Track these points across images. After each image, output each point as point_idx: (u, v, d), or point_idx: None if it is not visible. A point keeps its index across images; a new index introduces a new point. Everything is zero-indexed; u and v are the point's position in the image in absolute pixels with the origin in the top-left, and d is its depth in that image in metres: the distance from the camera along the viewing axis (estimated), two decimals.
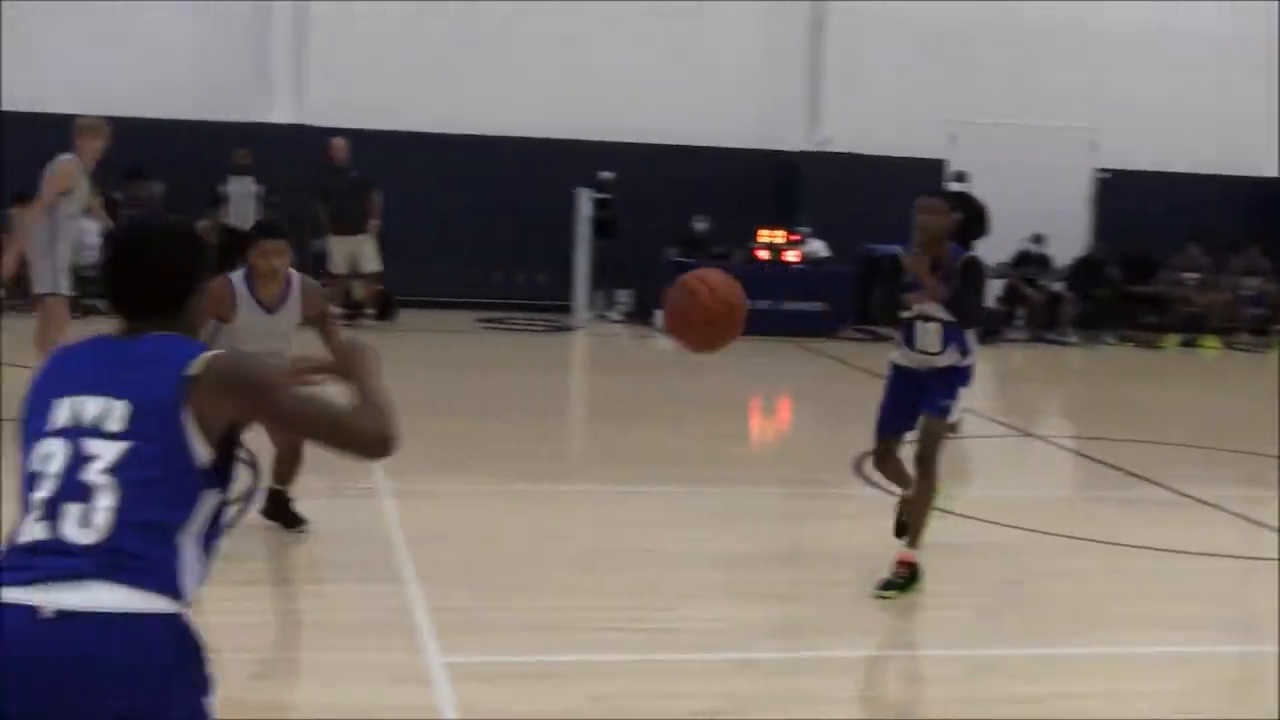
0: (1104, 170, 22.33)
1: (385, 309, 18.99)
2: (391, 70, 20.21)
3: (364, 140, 18.92)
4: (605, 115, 20.38)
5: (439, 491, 9.53)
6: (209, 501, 3.25)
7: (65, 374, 3.32)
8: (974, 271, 7.56)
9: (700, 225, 20.35)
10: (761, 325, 18.87)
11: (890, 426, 7.74)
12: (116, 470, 3.13)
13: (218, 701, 3.27)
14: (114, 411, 3.18)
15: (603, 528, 8.88)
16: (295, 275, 7.85)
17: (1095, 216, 22.41)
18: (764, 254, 19.84)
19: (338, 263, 18.68)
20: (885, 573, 7.43)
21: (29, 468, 3.21)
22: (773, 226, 20.07)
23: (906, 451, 7.83)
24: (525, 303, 20.45)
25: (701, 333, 5.86)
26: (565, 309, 19.83)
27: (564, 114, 20.35)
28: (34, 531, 3.12)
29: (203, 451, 3.21)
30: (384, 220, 18.54)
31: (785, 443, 13.53)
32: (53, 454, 3.17)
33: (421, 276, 19.84)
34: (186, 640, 3.16)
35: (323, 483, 8.65)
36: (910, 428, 7.75)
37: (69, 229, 11.33)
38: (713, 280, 5.80)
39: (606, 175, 20.07)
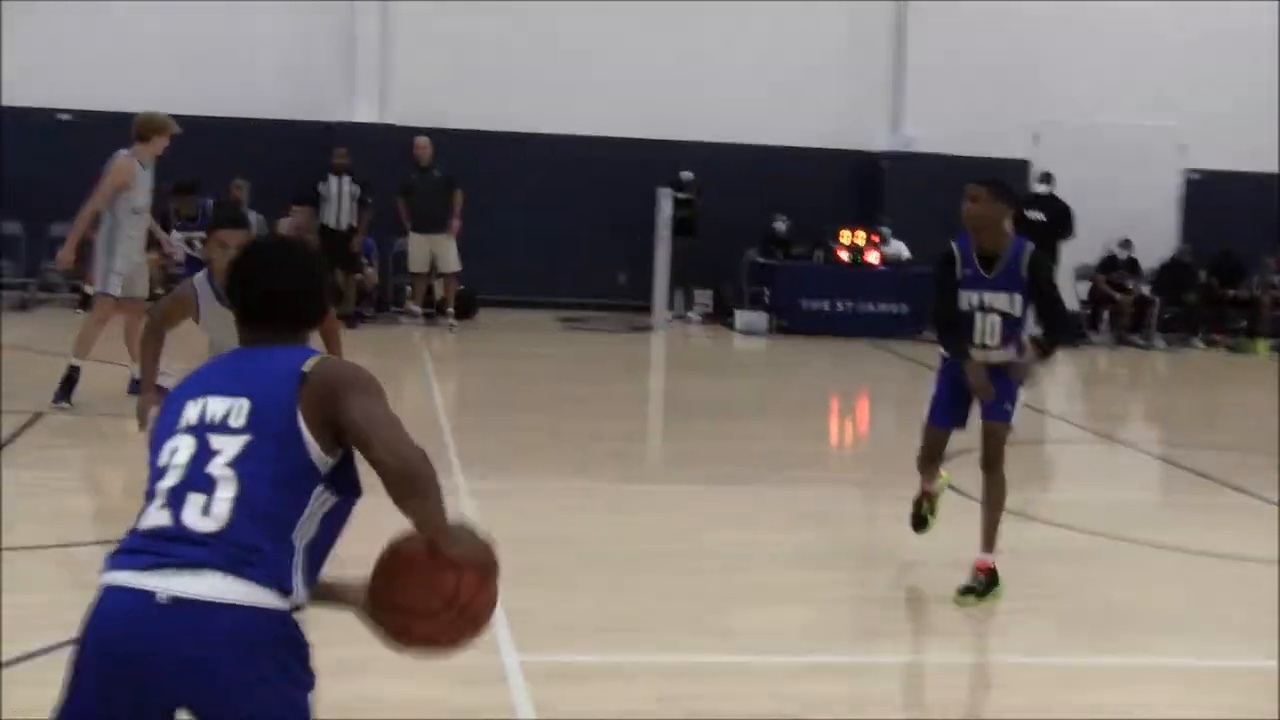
0: (1193, 171, 22.05)
1: (465, 308, 19.07)
2: (474, 70, 20.30)
3: (446, 139, 19.02)
4: (686, 115, 20.40)
5: (515, 490, 9.53)
6: (322, 501, 3.35)
7: (196, 381, 3.51)
8: (1043, 269, 7.42)
9: (780, 225, 20.30)
10: (842, 326, 19.07)
11: (942, 419, 7.65)
12: (237, 463, 3.27)
13: None
14: (238, 409, 3.34)
15: (678, 528, 8.84)
16: None
17: (1183, 218, 22.13)
18: (845, 255, 19.75)
19: (418, 261, 18.80)
20: (963, 578, 7.36)
21: (158, 463, 3.36)
22: (854, 227, 19.97)
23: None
24: (605, 302, 20.46)
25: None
26: (645, 309, 19.81)
27: (645, 114, 20.37)
28: (156, 518, 3.26)
29: (316, 449, 3.32)
30: (465, 219, 18.64)
31: (864, 444, 13.45)
32: (179, 448, 3.33)
33: (502, 275, 19.91)
34: (290, 636, 3.27)
35: None
36: (962, 424, 7.66)
37: (129, 226, 11.37)
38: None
39: (687, 175, 20.06)
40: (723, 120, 20.52)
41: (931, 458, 7.79)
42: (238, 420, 3.32)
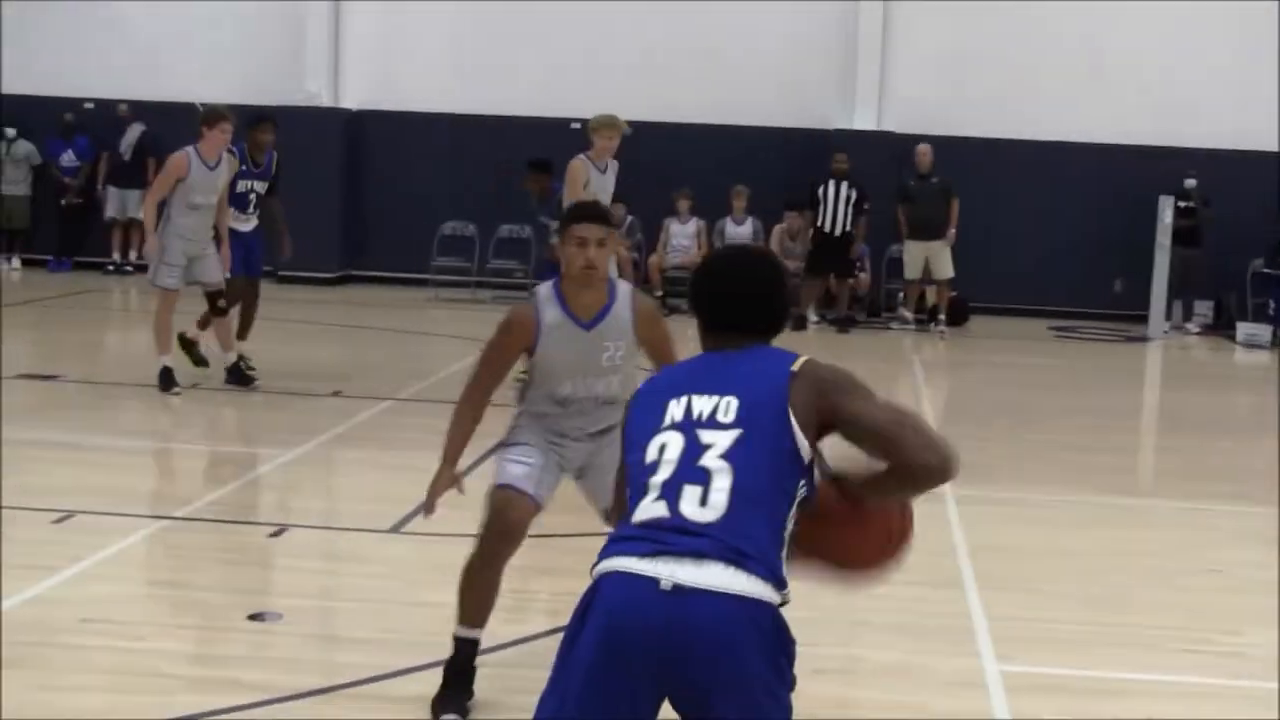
0: None
1: (958, 315, 19.09)
2: (971, 76, 20.23)
3: (942, 146, 19.06)
4: (1193, 120, 19.76)
5: (1002, 499, 9.55)
6: (801, 494, 3.51)
7: (674, 381, 3.70)
8: None
9: None
10: None
11: None
12: (730, 456, 3.42)
13: None
14: (726, 406, 3.49)
15: (1170, 544, 8.73)
16: (622, 285, 5.70)
17: None
18: None
19: (913, 268, 18.93)
20: None
21: (644, 459, 3.51)
22: None
23: None
24: (1099, 311, 20.06)
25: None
26: (1141, 319, 19.33)
27: (1150, 119, 19.84)
28: (653, 510, 3.41)
29: (804, 444, 3.49)
30: (959, 226, 18.67)
31: None
32: (668, 444, 3.48)
33: (995, 283, 19.81)
34: (783, 630, 3.41)
35: None
36: None
37: None
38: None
39: (1191, 182, 19.46)
40: (1232, 125, 19.79)
41: None
42: (727, 416, 3.46)
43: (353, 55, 21.15)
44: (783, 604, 3.42)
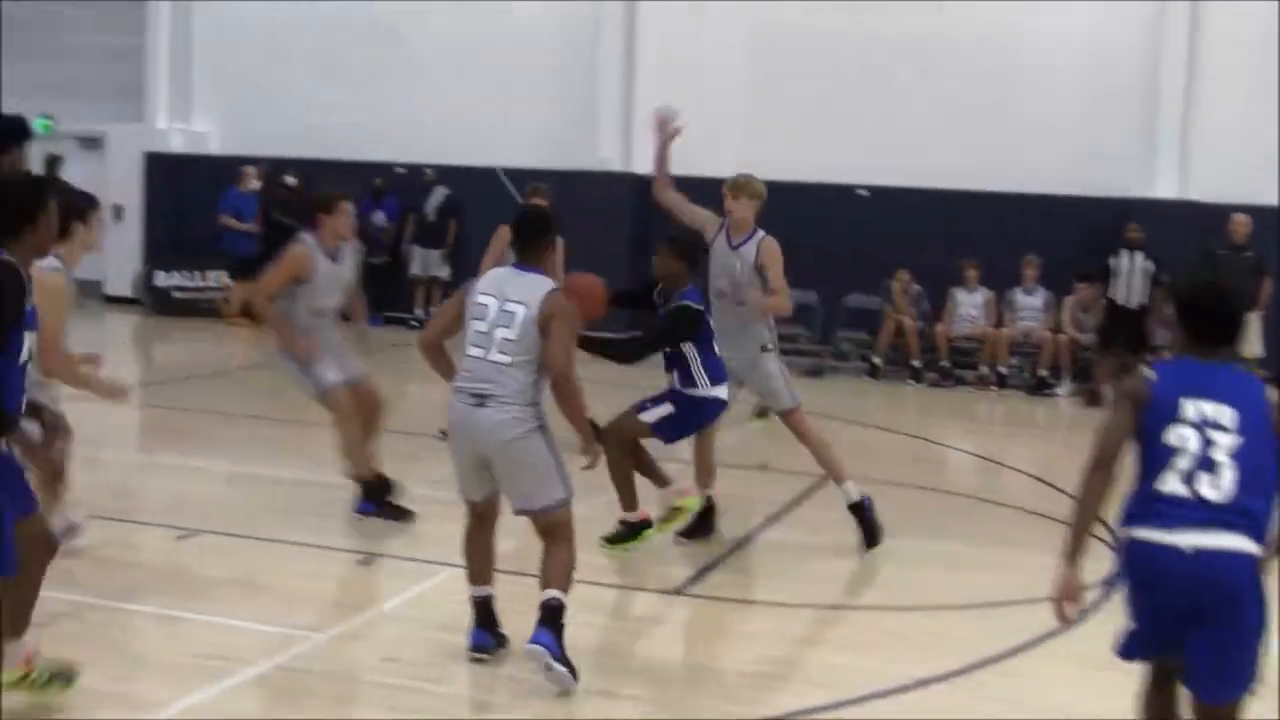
0: None
1: None
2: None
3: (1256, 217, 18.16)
4: None
5: None
6: None
7: (1185, 384, 4.94)
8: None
9: None
10: None
11: None
12: (1235, 455, 4.81)
13: None
14: (1225, 414, 4.86)
15: None
16: None
17: None
18: None
19: None
20: None
21: (1165, 442, 4.86)
22: None
23: None
24: None
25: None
26: None
27: None
28: (1175, 489, 4.81)
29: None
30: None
31: None
32: (1187, 437, 4.85)
33: None
34: (1260, 575, 4.80)
35: None
36: None
37: None
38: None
39: None
40: None
41: None
42: (1230, 423, 4.82)
43: (644, 120, 21.18)
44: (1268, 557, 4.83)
